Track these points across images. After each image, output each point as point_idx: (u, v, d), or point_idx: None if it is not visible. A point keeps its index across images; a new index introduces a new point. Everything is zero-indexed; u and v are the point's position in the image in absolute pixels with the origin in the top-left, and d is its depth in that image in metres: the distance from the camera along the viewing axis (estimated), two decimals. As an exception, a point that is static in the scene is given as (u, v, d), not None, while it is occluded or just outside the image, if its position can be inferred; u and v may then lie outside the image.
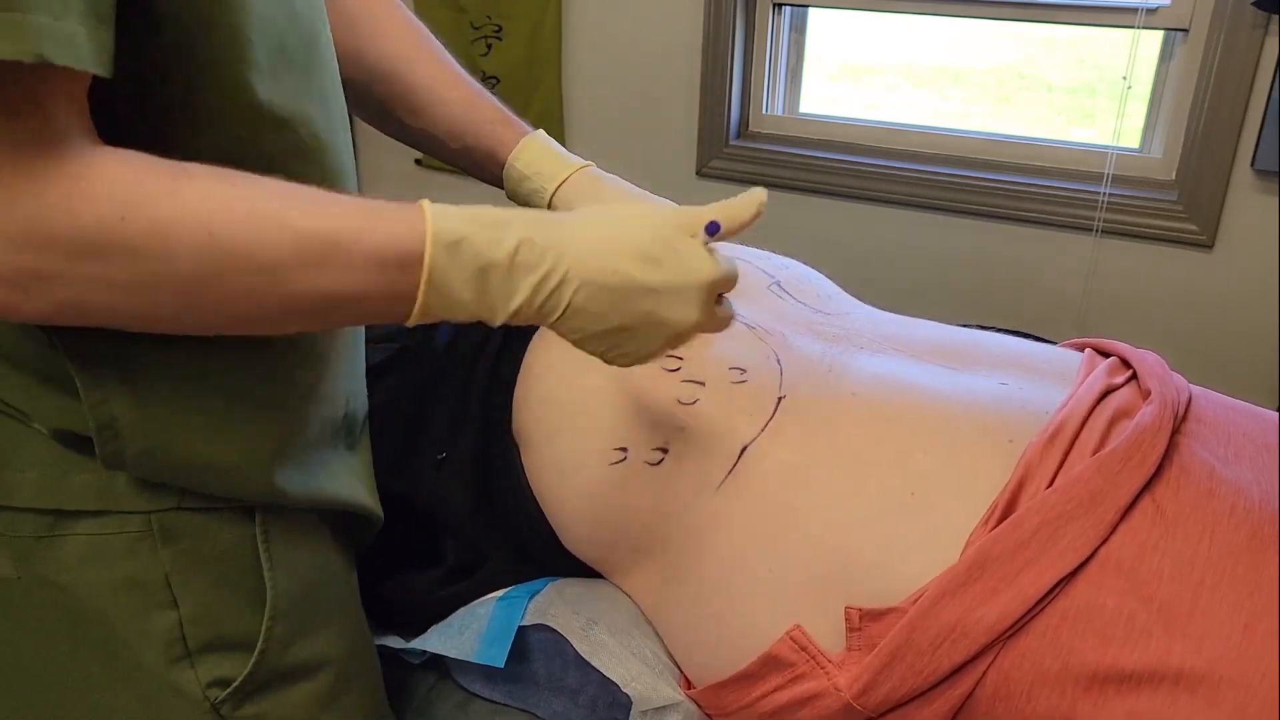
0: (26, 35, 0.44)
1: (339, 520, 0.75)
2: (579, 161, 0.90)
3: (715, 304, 0.66)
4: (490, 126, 0.89)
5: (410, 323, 0.58)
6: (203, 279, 0.52)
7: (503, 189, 0.91)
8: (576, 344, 0.65)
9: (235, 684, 0.67)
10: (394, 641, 0.91)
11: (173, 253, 0.51)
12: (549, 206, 0.89)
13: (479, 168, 0.91)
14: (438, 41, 0.91)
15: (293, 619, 0.69)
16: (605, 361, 0.67)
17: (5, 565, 0.64)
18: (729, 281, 0.65)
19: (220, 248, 0.52)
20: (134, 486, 0.63)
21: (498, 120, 0.90)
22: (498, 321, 0.60)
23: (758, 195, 0.65)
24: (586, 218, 0.63)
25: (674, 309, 0.63)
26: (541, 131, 0.92)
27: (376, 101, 0.89)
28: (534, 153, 0.89)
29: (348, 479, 0.74)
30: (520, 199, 0.90)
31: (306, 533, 0.71)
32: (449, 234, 0.57)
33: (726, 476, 0.78)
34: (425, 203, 0.58)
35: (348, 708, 0.75)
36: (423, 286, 0.57)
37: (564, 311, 0.61)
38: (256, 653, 0.67)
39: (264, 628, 0.68)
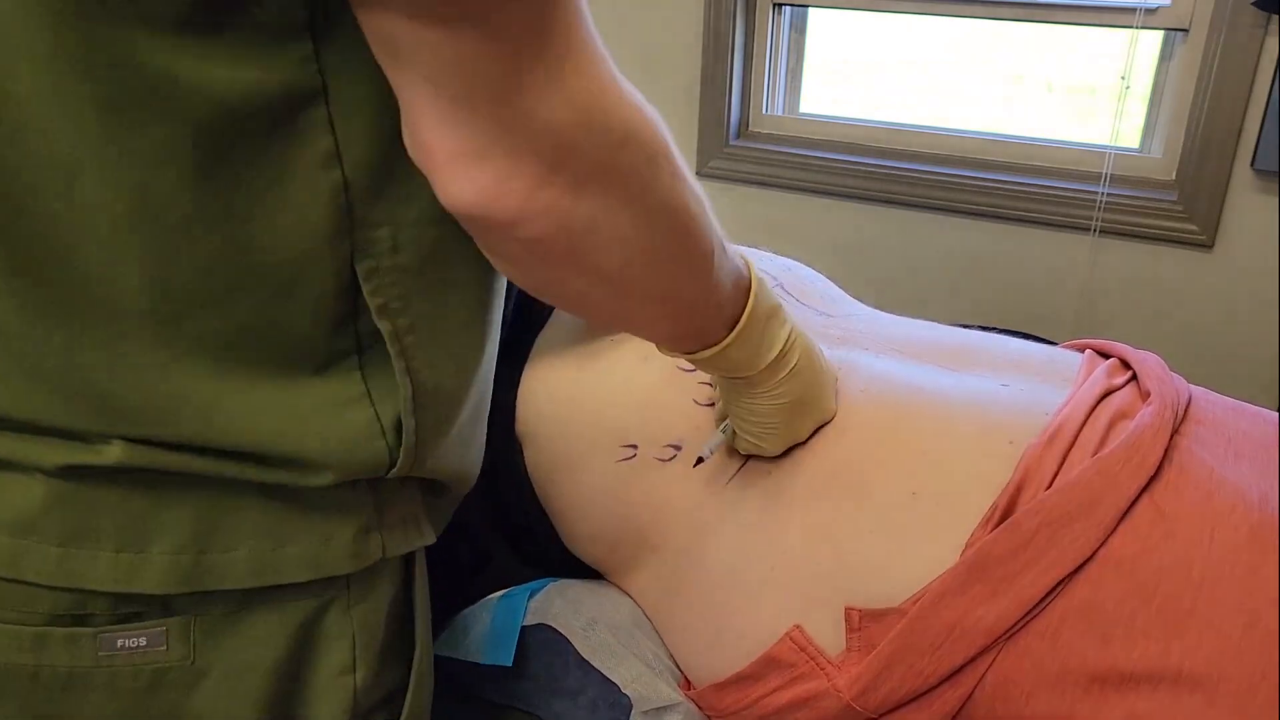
0: None
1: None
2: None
3: None
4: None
5: (716, 350, 0.65)
6: (673, 229, 0.55)
7: None
8: (769, 413, 0.73)
9: None
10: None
11: (677, 191, 0.53)
12: None
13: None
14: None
15: (424, 669, 0.67)
16: (764, 439, 0.75)
17: (179, 648, 0.57)
18: None
19: (691, 214, 0.55)
20: (345, 550, 0.59)
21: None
22: (755, 369, 0.69)
23: None
24: None
25: (829, 396, 0.77)
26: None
27: None
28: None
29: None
30: None
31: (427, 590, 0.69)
32: (757, 272, 0.66)
33: (732, 476, 0.79)
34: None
35: None
36: (748, 310, 0.65)
37: (792, 369, 0.71)
38: (405, 712, 0.65)
39: (412, 684, 0.65)
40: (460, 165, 0.45)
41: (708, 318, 0.63)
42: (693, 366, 0.83)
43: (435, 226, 0.53)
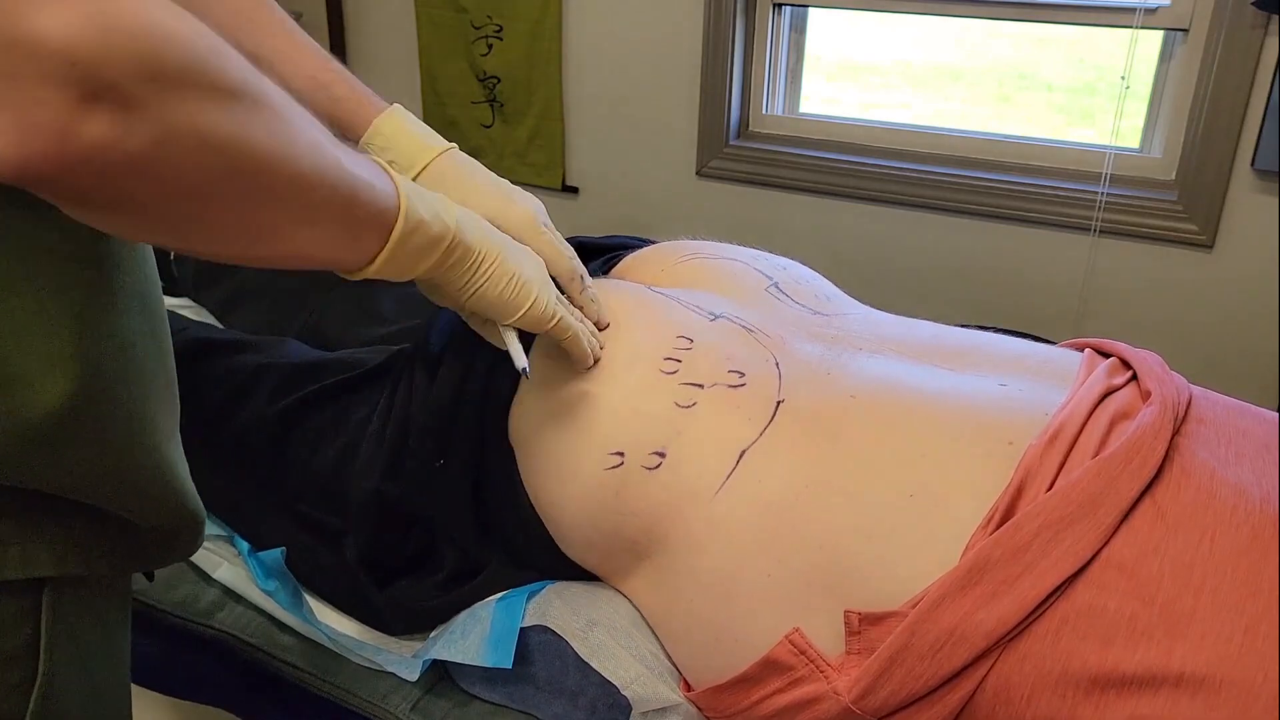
0: None
1: (152, 542, 0.66)
2: (438, 144, 0.86)
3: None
4: (337, 104, 0.84)
5: (399, 225, 0.65)
6: (270, 154, 0.51)
7: None
8: (493, 284, 0.75)
9: None
10: (399, 652, 0.91)
11: (260, 116, 0.50)
12: None
13: (345, 140, 0.88)
14: (280, 11, 0.85)
15: (64, 698, 0.61)
16: (513, 308, 0.77)
17: None
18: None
19: (290, 132, 0.52)
20: None
21: (346, 98, 0.85)
22: (455, 237, 0.71)
23: None
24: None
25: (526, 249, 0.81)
26: (398, 107, 0.87)
27: None
28: (388, 134, 0.85)
29: (181, 474, 0.67)
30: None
31: (95, 595, 0.64)
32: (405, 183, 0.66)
33: (725, 480, 0.78)
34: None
35: None
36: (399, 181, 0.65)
37: (483, 228, 0.74)
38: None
39: (30, 711, 0.60)
40: None
41: (350, 225, 0.61)
42: (674, 369, 0.83)
43: None
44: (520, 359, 0.78)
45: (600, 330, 0.87)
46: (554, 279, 0.84)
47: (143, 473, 0.61)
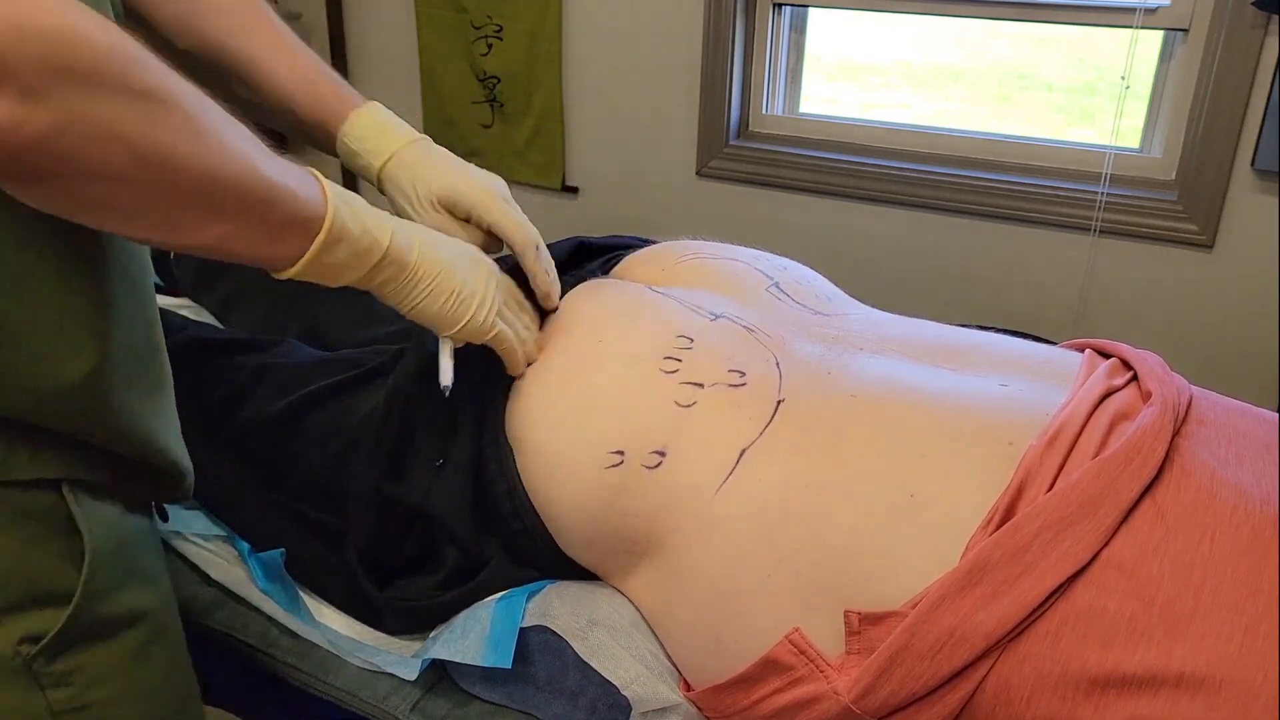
0: None
1: (142, 482, 0.75)
2: (409, 135, 0.90)
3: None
4: (322, 101, 0.89)
5: (321, 236, 0.68)
6: (178, 152, 0.56)
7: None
8: (432, 299, 0.79)
9: (48, 638, 0.67)
10: (398, 652, 0.91)
11: (169, 119, 0.55)
12: (378, 182, 0.90)
13: (317, 142, 0.92)
14: (271, 14, 0.90)
15: (110, 572, 0.70)
16: (451, 322, 0.80)
17: None
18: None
19: (201, 133, 0.58)
20: None
21: (329, 95, 0.90)
22: (385, 251, 0.74)
23: None
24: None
25: (479, 256, 0.84)
26: (376, 104, 0.92)
27: (215, 75, 0.88)
28: (364, 127, 0.89)
29: (165, 424, 0.75)
30: (356, 170, 0.91)
31: (112, 494, 0.72)
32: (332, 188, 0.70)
33: (725, 480, 0.78)
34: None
35: (157, 660, 0.76)
36: (328, 189, 0.69)
37: (420, 242, 0.77)
38: (73, 605, 0.68)
39: (82, 579, 0.68)
40: None
41: (265, 226, 0.65)
42: (674, 368, 0.83)
43: None
44: (445, 376, 0.83)
45: (548, 311, 0.92)
46: (510, 249, 0.89)
47: (123, 415, 0.69)
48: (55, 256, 0.63)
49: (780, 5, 1.97)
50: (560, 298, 0.93)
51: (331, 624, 0.95)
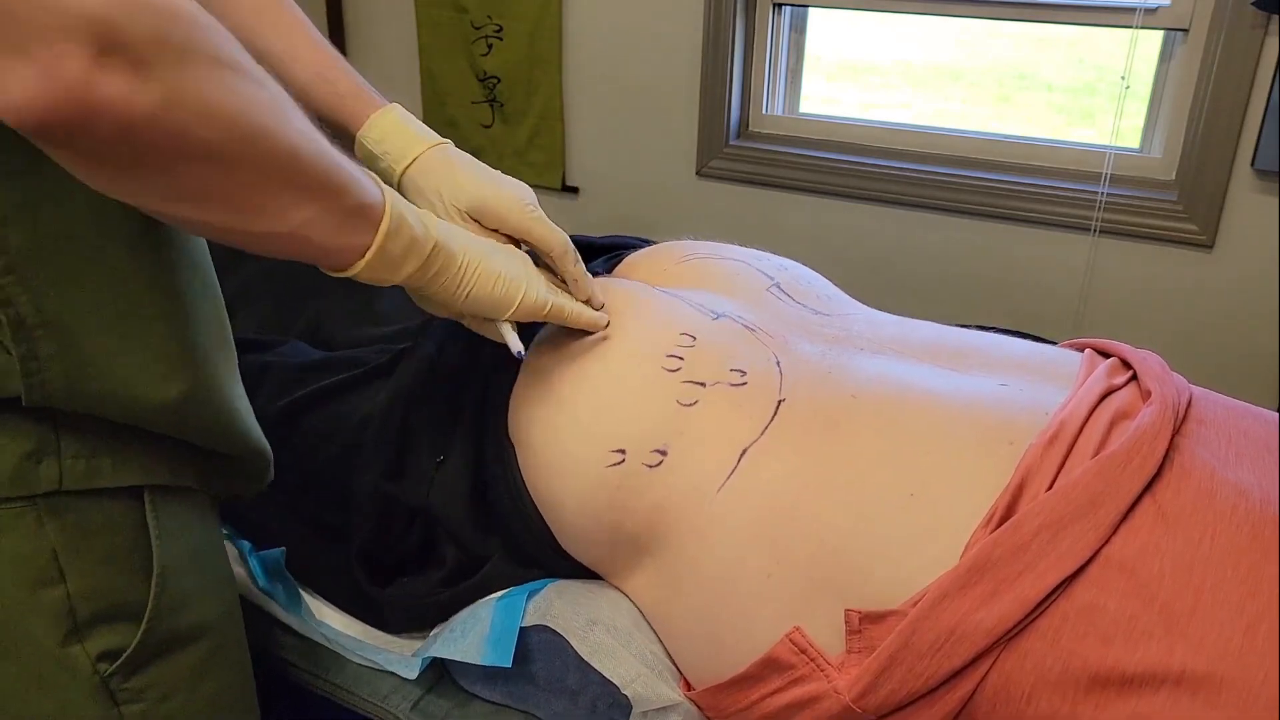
0: None
1: (229, 478, 0.76)
2: (431, 139, 0.89)
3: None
4: (340, 100, 0.88)
5: (385, 222, 0.68)
6: (265, 130, 0.56)
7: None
8: (483, 281, 0.79)
9: (126, 654, 0.67)
10: (399, 650, 0.91)
11: (261, 97, 0.56)
12: (398, 186, 0.89)
13: (335, 141, 0.91)
14: (294, 8, 0.89)
15: (178, 586, 0.70)
16: (505, 304, 0.80)
17: None
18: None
19: (284, 117, 0.58)
20: (7, 472, 0.62)
21: (349, 94, 0.88)
22: (438, 240, 0.74)
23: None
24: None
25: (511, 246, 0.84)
26: (396, 106, 0.90)
27: None
28: (384, 129, 0.88)
29: (250, 417, 0.76)
30: (374, 170, 0.89)
31: (190, 505, 0.73)
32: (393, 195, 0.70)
33: (726, 479, 0.78)
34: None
35: (221, 673, 0.75)
36: (384, 222, 0.68)
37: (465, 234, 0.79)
38: (146, 619, 0.68)
39: (153, 594, 0.68)
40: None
41: (340, 212, 0.65)
42: (676, 366, 0.83)
43: (22, 179, 0.56)
44: (515, 344, 0.82)
45: (595, 309, 0.89)
46: (546, 257, 0.87)
47: (209, 416, 0.70)
48: (149, 288, 0.64)
49: (780, 5, 1.97)
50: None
51: (332, 623, 0.95)
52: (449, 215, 0.86)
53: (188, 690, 0.72)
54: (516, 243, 0.87)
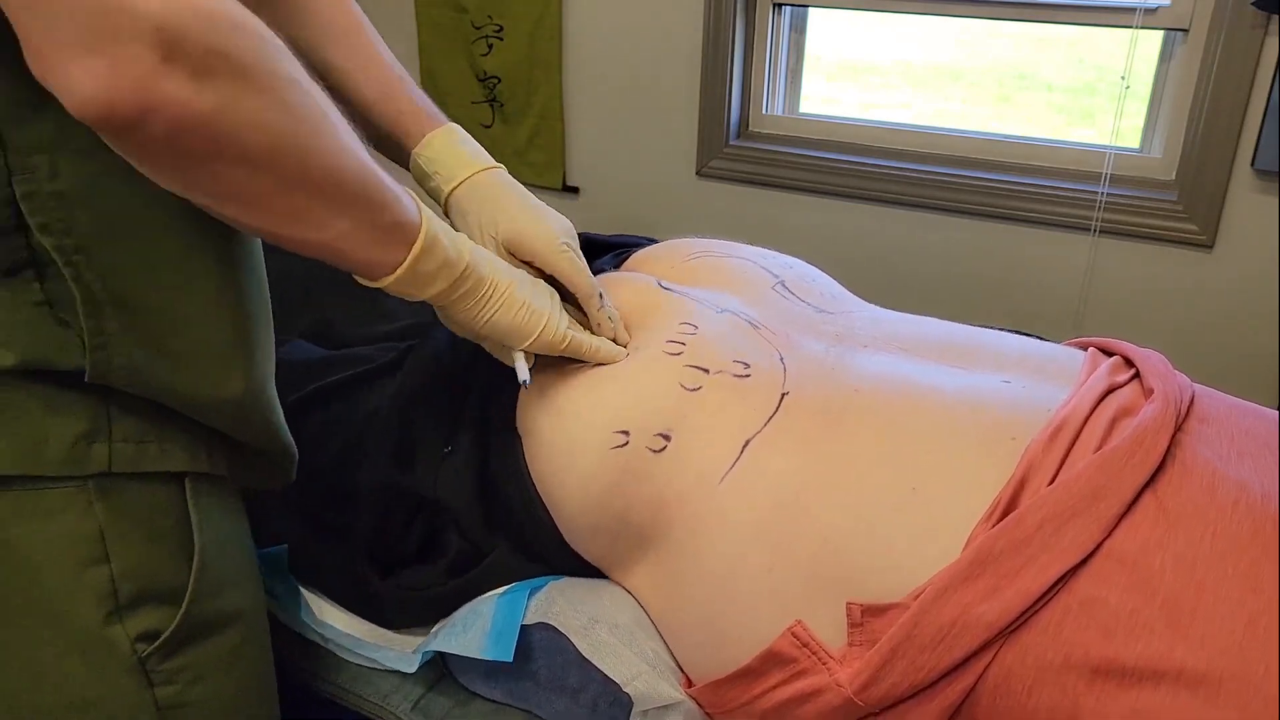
0: None
1: (260, 470, 0.79)
2: (482, 163, 0.90)
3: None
4: (400, 117, 0.90)
5: (420, 240, 0.70)
6: (311, 145, 0.59)
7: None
8: (505, 310, 0.79)
9: (164, 636, 0.69)
10: (400, 645, 0.91)
11: (303, 98, 0.58)
12: (445, 206, 0.90)
13: (394, 157, 0.92)
14: (367, 26, 0.91)
15: (215, 571, 0.72)
16: (524, 334, 0.81)
17: None
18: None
19: (332, 131, 0.61)
20: (62, 452, 0.65)
21: (409, 112, 0.90)
22: (468, 262, 0.76)
23: None
24: None
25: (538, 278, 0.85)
26: (456, 127, 0.91)
27: None
28: (438, 149, 0.90)
29: (282, 415, 0.79)
30: (426, 190, 0.91)
31: (224, 494, 0.76)
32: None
33: (729, 470, 0.78)
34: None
35: (249, 660, 0.78)
36: (422, 233, 0.71)
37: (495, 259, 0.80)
38: (186, 602, 0.70)
39: (193, 577, 0.70)
40: (69, 61, 0.49)
41: (376, 228, 0.68)
42: (678, 350, 0.84)
43: (93, 158, 0.59)
44: (523, 373, 0.83)
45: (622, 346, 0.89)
46: (573, 296, 0.87)
47: (257, 414, 0.74)
48: (215, 282, 0.68)
49: (780, 5, 1.97)
50: None
51: (333, 622, 0.95)
52: (484, 242, 0.87)
53: (219, 675, 0.74)
54: (549, 278, 0.88)
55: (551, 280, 0.87)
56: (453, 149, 0.90)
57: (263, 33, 0.56)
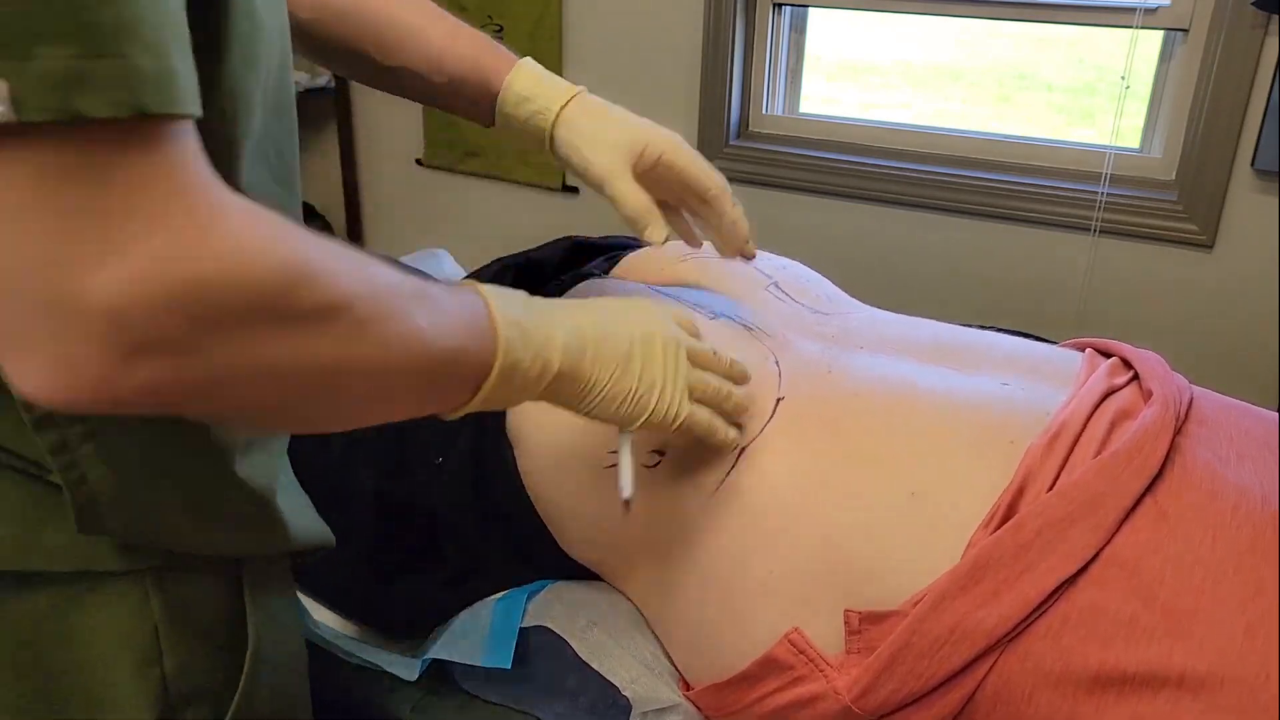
0: (127, 84, 0.37)
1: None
2: (572, 86, 0.89)
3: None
4: (479, 56, 0.87)
5: (493, 379, 0.59)
6: (343, 367, 0.48)
7: (490, 123, 0.90)
8: (607, 402, 0.69)
9: None
10: (398, 652, 0.91)
11: (335, 332, 0.46)
12: (549, 140, 0.87)
13: (468, 102, 0.89)
14: None
15: (268, 662, 0.67)
16: (632, 419, 0.70)
17: None
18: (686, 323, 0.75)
19: (370, 338, 0.48)
20: (114, 546, 0.59)
21: (485, 48, 0.88)
22: (560, 366, 0.64)
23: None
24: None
25: (652, 322, 0.71)
26: (528, 60, 0.90)
27: (342, 39, 0.84)
28: (526, 82, 0.87)
29: (310, 516, 0.73)
30: (518, 124, 0.88)
31: (282, 580, 0.70)
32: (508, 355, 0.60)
33: (725, 478, 0.78)
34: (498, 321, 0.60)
35: None
36: (499, 322, 0.59)
37: (592, 344, 0.67)
38: (237, 698, 0.64)
39: (246, 672, 0.65)
40: (13, 352, 0.39)
41: (432, 386, 0.58)
42: None
43: None
44: (625, 486, 0.72)
45: (749, 258, 0.89)
46: (703, 196, 0.87)
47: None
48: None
49: (780, 5, 1.96)
50: (557, 295, 0.93)
51: (331, 624, 0.95)
52: (613, 160, 0.84)
53: None
54: (675, 208, 0.88)
55: (678, 191, 0.87)
56: (541, 79, 0.87)
57: (277, 264, 0.43)
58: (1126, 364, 0.84)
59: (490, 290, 0.61)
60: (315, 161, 2.44)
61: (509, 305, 0.61)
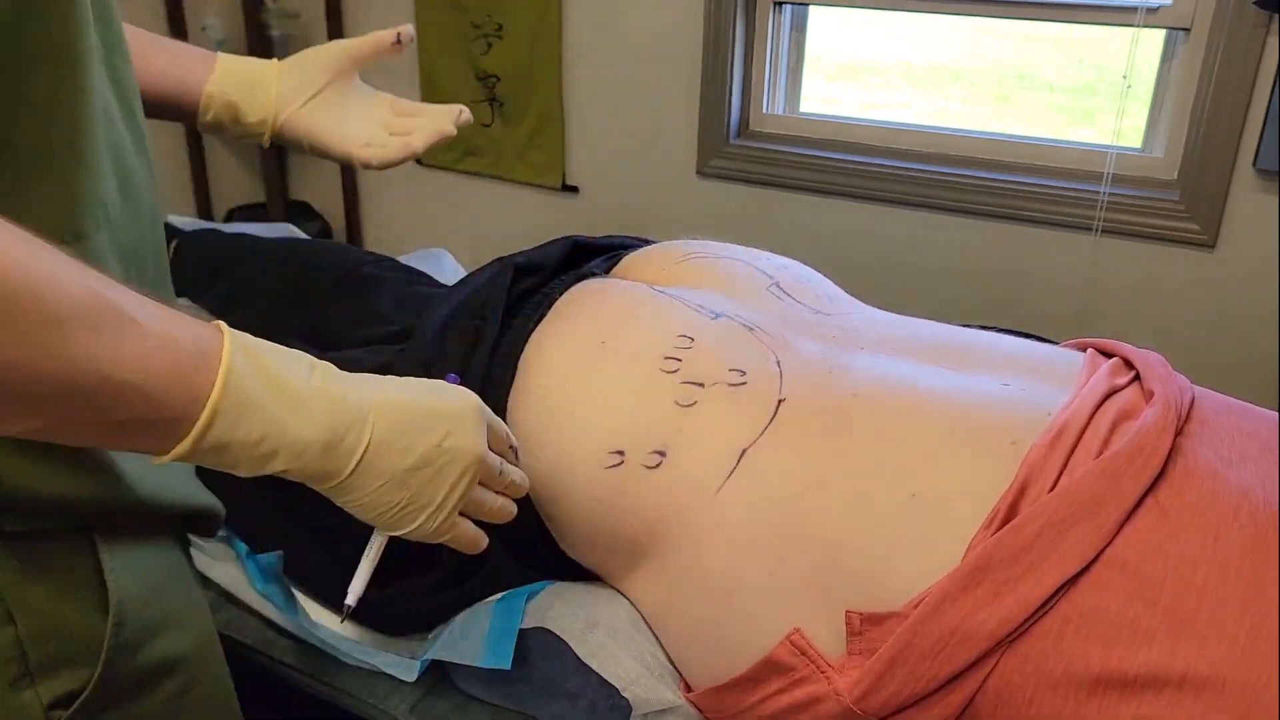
0: None
1: (178, 520, 0.71)
2: (268, 63, 0.90)
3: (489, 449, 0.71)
4: (178, 61, 0.87)
5: (187, 445, 0.53)
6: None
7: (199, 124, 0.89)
8: (366, 508, 0.66)
9: (80, 701, 0.61)
10: (397, 652, 0.91)
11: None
12: (275, 132, 0.88)
13: (176, 116, 0.89)
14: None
15: (139, 622, 0.64)
16: (390, 528, 0.68)
17: None
18: (496, 424, 0.73)
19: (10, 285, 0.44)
20: None
21: (185, 54, 0.88)
22: (299, 462, 0.58)
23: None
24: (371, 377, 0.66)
25: (462, 436, 0.67)
26: (221, 56, 0.90)
27: None
28: (228, 71, 0.88)
29: (181, 477, 0.70)
30: (228, 117, 0.88)
31: (147, 533, 0.67)
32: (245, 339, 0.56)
33: (726, 480, 0.78)
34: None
35: (199, 703, 0.70)
36: (218, 384, 0.53)
37: (365, 450, 0.62)
38: (101, 663, 0.62)
39: (109, 633, 0.62)
40: None
41: (148, 391, 0.51)
42: (674, 368, 0.83)
43: None
44: (353, 591, 0.72)
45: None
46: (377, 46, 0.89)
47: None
48: None
49: (780, 4, 1.96)
50: (559, 295, 0.93)
51: (329, 626, 0.95)
52: (362, 122, 0.86)
53: None
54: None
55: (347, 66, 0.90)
56: (242, 62, 0.87)
57: None
58: (1128, 364, 0.83)
59: (244, 354, 0.56)
60: (315, 161, 2.44)
61: (256, 351, 0.57)
